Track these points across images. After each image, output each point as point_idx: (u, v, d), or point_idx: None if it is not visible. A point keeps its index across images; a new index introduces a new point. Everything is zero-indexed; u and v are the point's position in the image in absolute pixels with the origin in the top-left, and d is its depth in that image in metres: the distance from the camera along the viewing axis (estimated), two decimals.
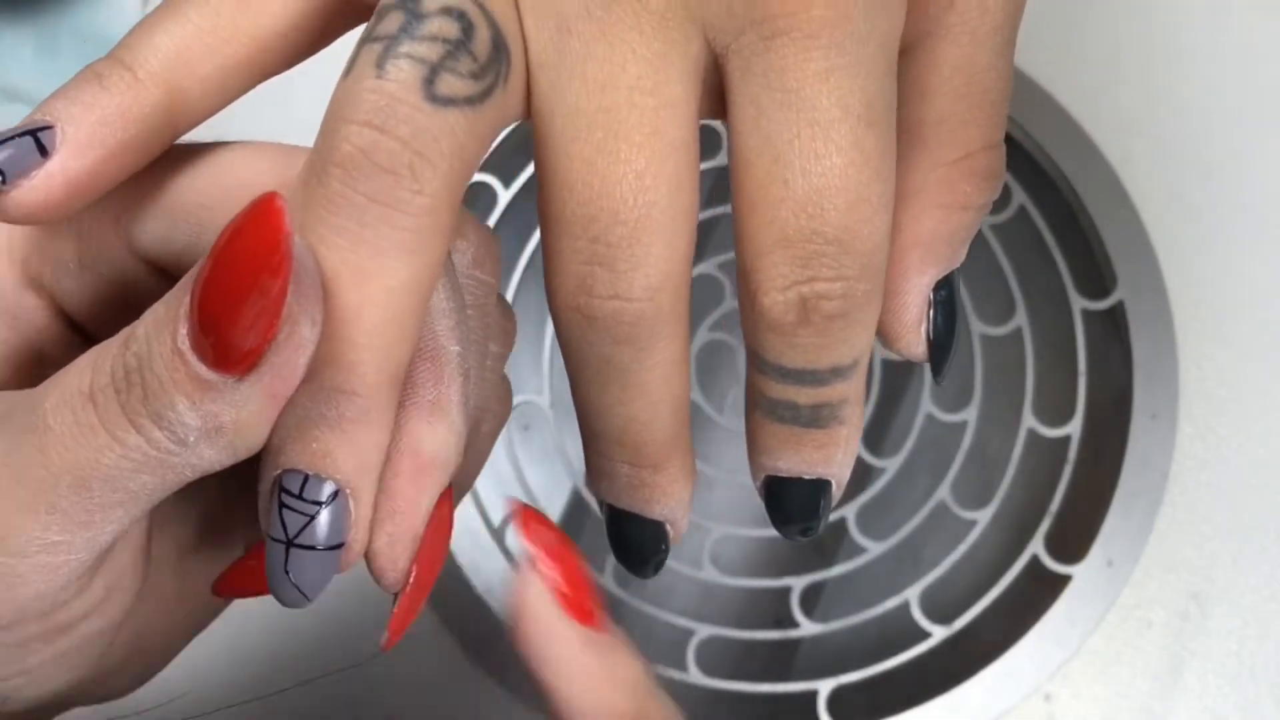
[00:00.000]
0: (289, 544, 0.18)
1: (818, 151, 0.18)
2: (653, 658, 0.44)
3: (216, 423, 0.17)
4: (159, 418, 0.17)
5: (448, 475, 0.20)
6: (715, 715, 0.45)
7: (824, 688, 0.43)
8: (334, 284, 0.18)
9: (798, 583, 0.45)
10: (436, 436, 0.20)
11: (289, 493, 0.18)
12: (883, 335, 0.21)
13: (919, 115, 0.21)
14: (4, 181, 0.19)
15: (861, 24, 0.18)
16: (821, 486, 0.22)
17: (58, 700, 0.22)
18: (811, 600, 0.46)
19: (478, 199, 0.48)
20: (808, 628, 0.44)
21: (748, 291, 0.20)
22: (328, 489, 0.18)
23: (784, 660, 0.47)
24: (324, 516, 0.18)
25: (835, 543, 0.49)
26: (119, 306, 0.21)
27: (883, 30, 0.19)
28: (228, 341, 0.17)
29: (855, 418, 0.21)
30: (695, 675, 0.44)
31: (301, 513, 0.18)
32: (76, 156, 0.19)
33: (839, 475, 0.22)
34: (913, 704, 0.42)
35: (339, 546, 0.19)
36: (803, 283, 0.19)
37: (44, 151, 0.19)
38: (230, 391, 0.17)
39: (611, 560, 0.45)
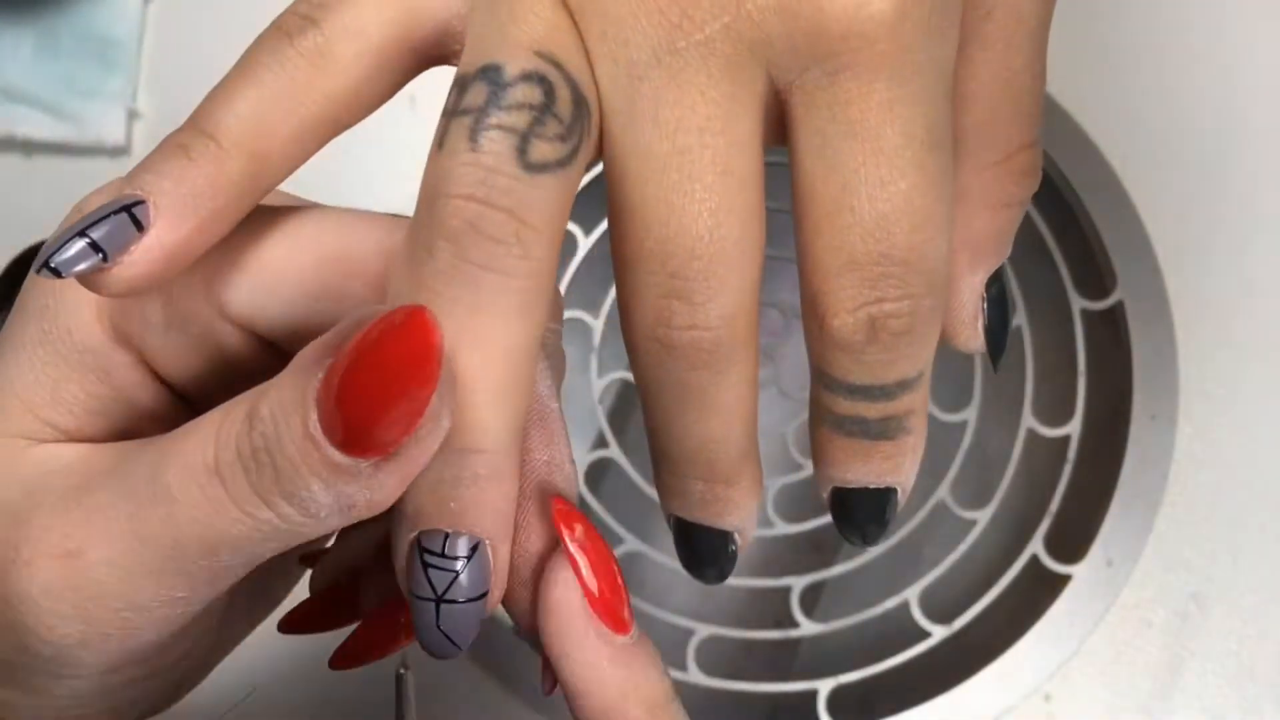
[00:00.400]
0: (439, 601, 0.19)
1: (884, 178, 0.19)
2: None
3: (350, 502, 0.18)
4: (291, 496, 0.18)
5: None
6: (715, 715, 0.45)
7: (824, 687, 0.43)
8: (456, 351, 0.18)
9: (798, 583, 0.45)
10: (558, 493, 0.21)
11: (431, 552, 0.19)
12: (943, 333, 0.22)
13: (960, 121, 0.21)
14: (105, 259, 0.19)
15: (921, 54, 0.19)
16: (888, 494, 0.22)
17: None
18: (811, 600, 0.46)
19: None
20: (808, 627, 0.44)
21: (815, 314, 0.20)
22: (468, 544, 0.19)
23: (784, 660, 0.47)
24: (468, 571, 0.19)
25: (835, 543, 0.49)
26: (207, 364, 0.22)
27: (940, 57, 0.20)
28: (368, 436, 0.17)
29: (921, 426, 0.22)
30: (695, 675, 0.44)
31: (446, 570, 0.19)
32: (172, 230, 0.20)
33: (905, 483, 0.23)
34: (913, 704, 0.42)
35: (483, 596, 0.20)
36: (871, 303, 0.20)
37: (139, 226, 0.20)
38: (366, 476, 0.18)
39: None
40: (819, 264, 0.20)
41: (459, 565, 0.19)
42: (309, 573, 0.25)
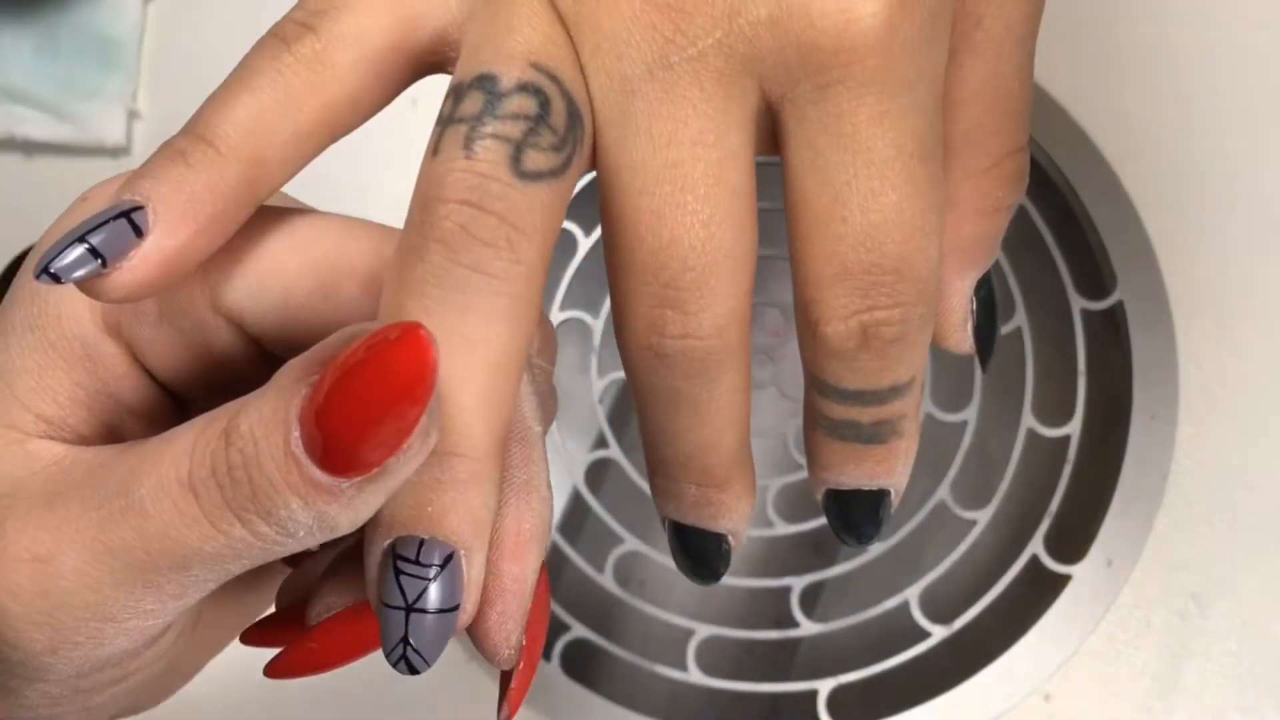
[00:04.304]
0: (408, 610, 0.19)
1: (874, 189, 0.19)
2: (653, 658, 0.44)
3: (332, 522, 0.18)
4: (268, 515, 0.18)
5: (545, 548, 0.21)
6: (715, 715, 0.45)
7: (824, 688, 0.43)
8: (444, 353, 0.18)
9: (798, 583, 0.45)
10: (534, 514, 0.21)
11: (405, 559, 0.19)
12: (933, 336, 0.22)
13: (950, 128, 0.21)
14: (104, 265, 0.19)
15: (910, 68, 0.19)
16: (882, 496, 0.23)
17: None
18: (811, 600, 0.46)
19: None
20: (808, 628, 0.44)
21: (808, 321, 0.21)
22: (443, 552, 0.19)
23: (784, 660, 0.47)
24: (441, 580, 0.19)
25: (835, 542, 0.49)
26: (195, 360, 0.22)
27: (930, 70, 0.20)
28: (352, 455, 0.17)
29: (913, 430, 0.22)
30: (695, 675, 0.44)
31: (419, 577, 0.19)
32: (170, 235, 0.20)
33: (899, 484, 0.23)
34: (912, 704, 0.42)
35: (455, 609, 0.19)
36: (863, 311, 0.20)
37: (138, 232, 0.19)
38: (348, 496, 0.18)
39: (612, 557, 0.46)
40: (812, 273, 0.20)
41: (431, 573, 0.19)
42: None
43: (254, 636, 0.23)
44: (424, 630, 0.19)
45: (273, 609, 0.25)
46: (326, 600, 0.22)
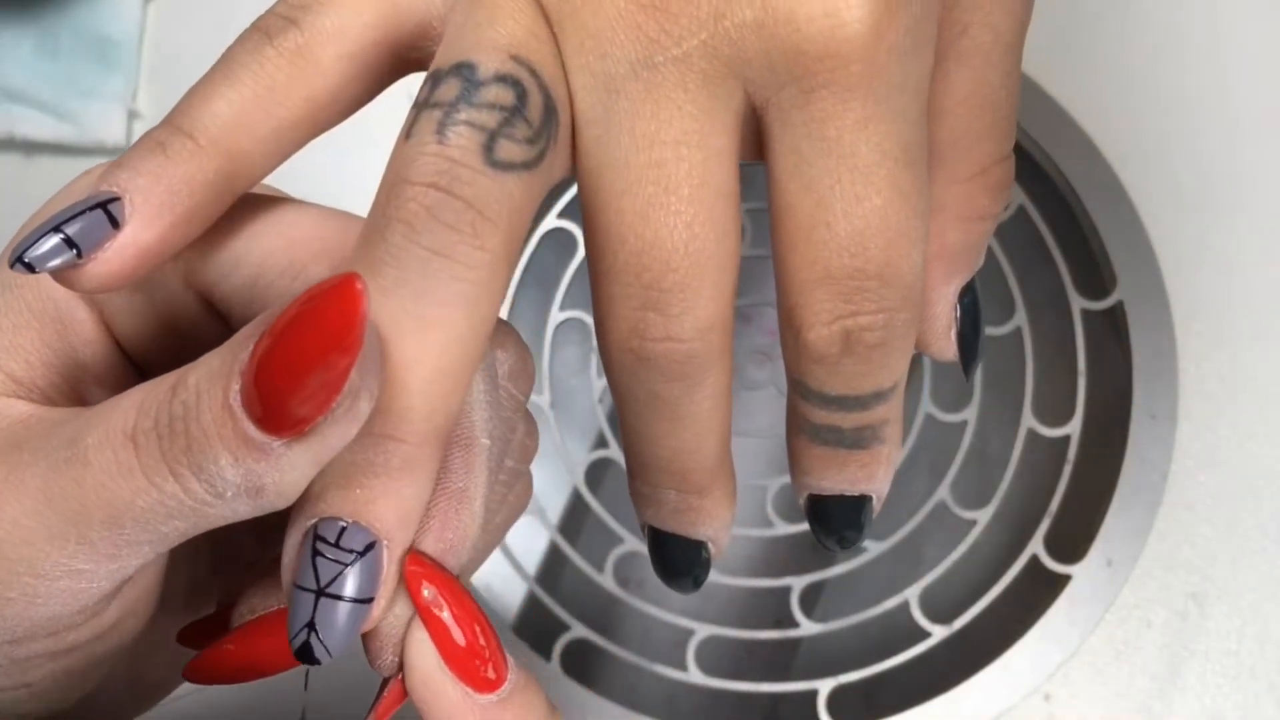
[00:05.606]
0: (319, 593, 0.18)
1: (858, 195, 0.19)
2: (653, 658, 0.44)
3: (258, 483, 0.18)
4: (199, 470, 0.17)
5: (462, 562, 0.20)
6: (715, 715, 0.45)
7: (824, 687, 0.43)
8: (394, 333, 0.18)
9: (798, 583, 0.45)
10: (460, 525, 0.20)
11: (324, 540, 0.18)
12: (917, 343, 0.22)
13: (936, 135, 0.21)
14: (79, 255, 0.19)
15: (896, 74, 0.19)
16: (863, 501, 0.23)
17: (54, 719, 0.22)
18: (811, 600, 0.46)
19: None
20: (808, 627, 0.44)
21: (791, 326, 0.20)
22: (365, 538, 0.18)
23: (784, 660, 0.47)
24: (359, 566, 0.18)
25: None
26: (162, 333, 0.22)
27: (915, 75, 0.20)
28: (283, 408, 0.17)
29: (895, 436, 0.22)
30: (695, 675, 0.44)
31: (336, 561, 0.18)
32: (146, 227, 0.20)
33: (880, 490, 0.23)
34: (912, 704, 0.42)
35: (368, 601, 0.19)
36: (846, 316, 0.20)
37: (114, 223, 0.19)
38: (276, 455, 0.17)
39: (612, 557, 0.46)
40: (795, 278, 0.20)
41: (349, 558, 0.18)
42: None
43: (186, 635, 0.23)
44: (333, 617, 0.18)
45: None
46: (250, 602, 0.21)
